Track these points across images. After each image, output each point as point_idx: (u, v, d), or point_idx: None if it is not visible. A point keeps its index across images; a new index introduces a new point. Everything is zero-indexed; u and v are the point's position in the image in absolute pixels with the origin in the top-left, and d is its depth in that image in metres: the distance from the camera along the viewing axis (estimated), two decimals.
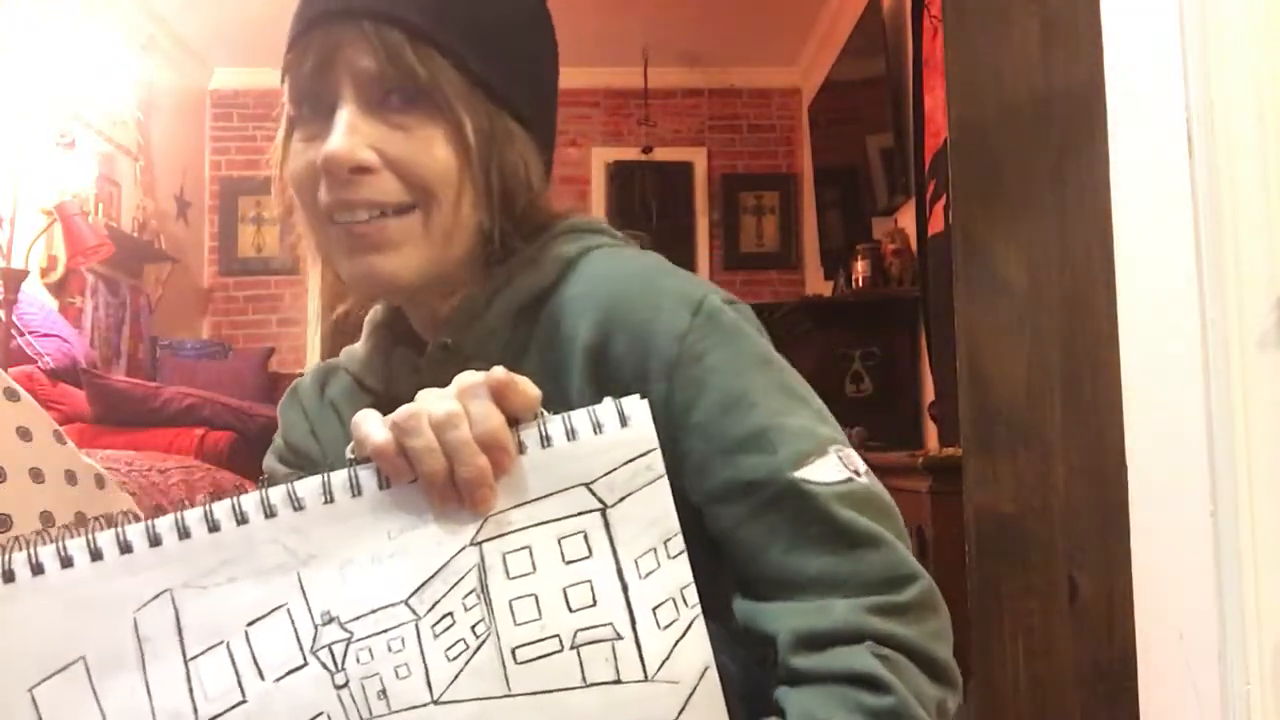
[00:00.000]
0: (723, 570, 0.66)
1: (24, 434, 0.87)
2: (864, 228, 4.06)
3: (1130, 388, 1.15)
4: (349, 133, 0.70)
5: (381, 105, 0.71)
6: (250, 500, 0.56)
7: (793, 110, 5.39)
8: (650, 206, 5.24)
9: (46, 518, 0.86)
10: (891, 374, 3.65)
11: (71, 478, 0.90)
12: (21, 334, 3.22)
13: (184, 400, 3.05)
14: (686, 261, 5.10)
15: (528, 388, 0.58)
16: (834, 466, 0.65)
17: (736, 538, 0.65)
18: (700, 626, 0.57)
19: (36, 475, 0.86)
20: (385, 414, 0.81)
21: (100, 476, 0.94)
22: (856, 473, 0.66)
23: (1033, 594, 1.43)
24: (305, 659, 0.54)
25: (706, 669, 0.56)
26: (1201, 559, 1.02)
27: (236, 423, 3.05)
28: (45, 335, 3.28)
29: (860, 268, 3.75)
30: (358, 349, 0.86)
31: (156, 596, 0.54)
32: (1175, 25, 1.05)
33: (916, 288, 3.47)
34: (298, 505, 0.55)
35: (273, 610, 0.55)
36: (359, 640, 0.54)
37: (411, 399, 0.79)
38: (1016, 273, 1.48)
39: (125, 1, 4.28)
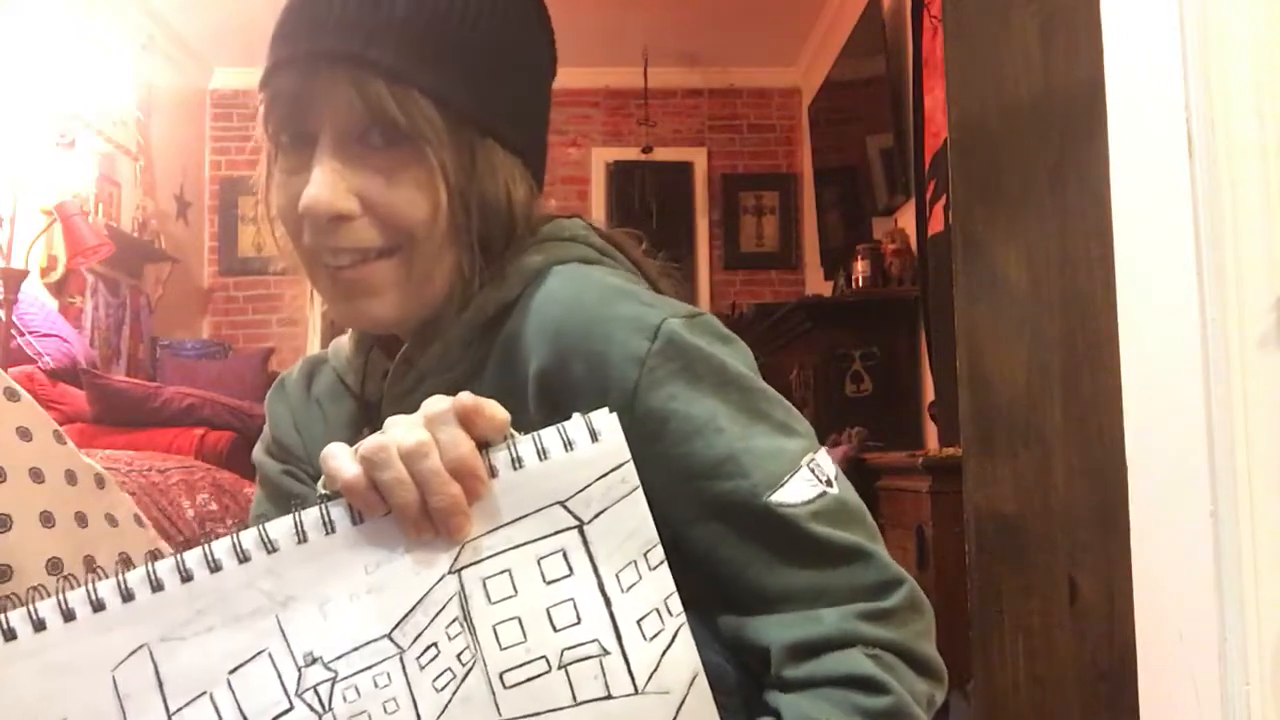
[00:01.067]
0: (695, 579, 0.66)
1: (24, 434, 0.87)
2: (864, 228, 4.06)
3: (1130, 388, 1.15)
4: (327, 180, 0.69)
5: (361, 144, 0.70)
6: (222, 546, 0.55)
7: (793, 110, 5.39)
8: (650, 206, 5.24)
9: (46, 518, 0.86)
10: (891, 374, 3.65)
11: (71, 478, 0.90)
12: (21, 334, 3.22)
13: (184, 400, 3.05)
14: (686, 261, 5.12)
15: (495, 411, 0.57)
16: (807, 483, 0.65)
17: (715, 559, 0.65)
18: (686, 634, 0.56)
19: (36, 475, 0.86)
20: (366, 416, 0.81)
21: (100, 476, 0.94)
22: (828, 482, 0.66)
23: (1033, 594, 1.43)
24: (291, 702, 0.53)
25: (696, 676, 0.56)
26: (1201, 559, 1.02)
27: (236, 423, 3.05)
28: (45, 335, 3.28)
29: (860, 268, 3.75)
30: (344, 344, 0.86)
31: (134, 652, 0.53)
32: (1175, 25, 1.05)
33: (916, 288, 3.47)
34: (271, 548, 0.55)
35: (254, 656, 0.54)
36: (344, 679, 0.54)
37: (382, 403, 0.78)
38: (1016, 273, 1.48)
39: (125, 1, 4.28)
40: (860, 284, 3.75)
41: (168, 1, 4.43)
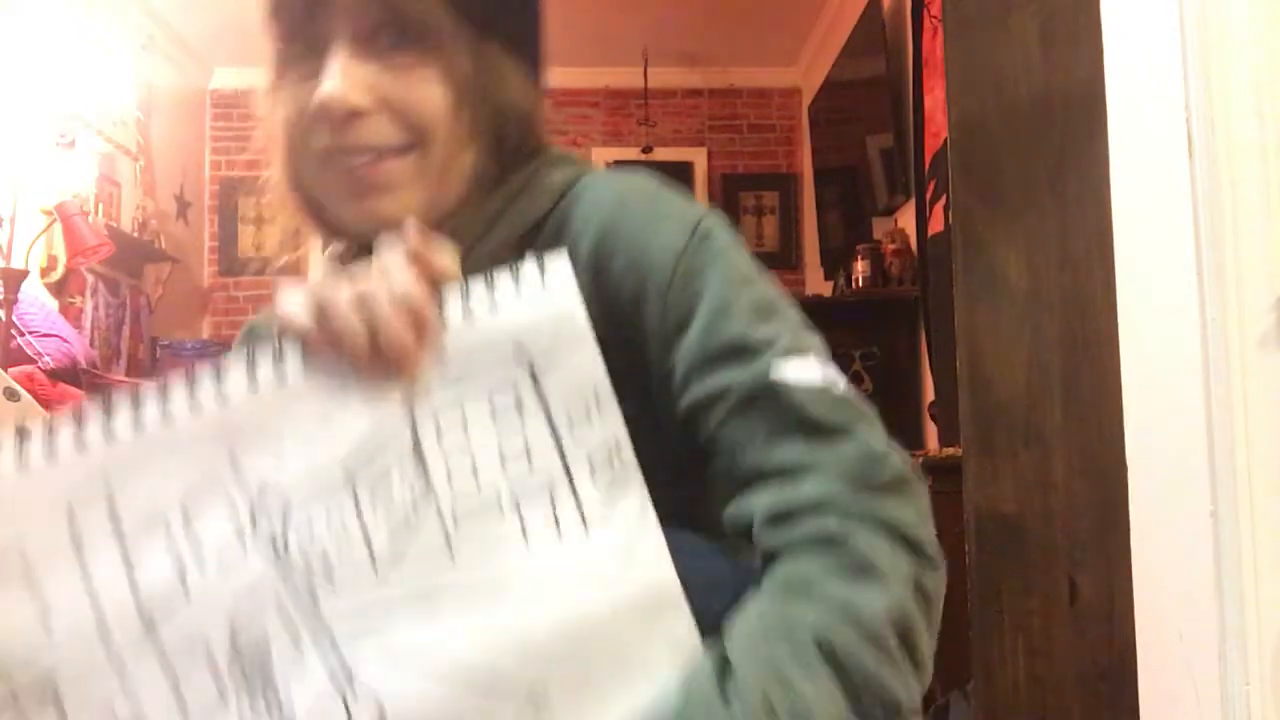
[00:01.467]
0: (709, 493, 0.67)
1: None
2: (864, 228, 4.06)
3: (1130, 388, 1.15)
4: (342, 76, 0.69)
5: (372, 44, 0.71)
6: (177, 390, 0.56)
7: (793, 110, 5.38)
8: None
9: None
10: (891, 374, 3.65)
11: None
12: (21, 334, 3.22)
13: None
14: None
15: (446, 254, 0.59)
16: (813, 368, 0.65)
17: (718, 440, 0.66)
18: (637, 477, 0.57)
19: None
20: None
21: None
22: (837, 378, 0.66)
23: (1033, 594, 1.43)
24: (244, 538, 0.54)
25: (646, 516, 0.57)
26: (1201, 559, 1.02)
27: None
28: (45, 335, 3.28)
29: (860, 268, 3.75)
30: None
31: (88, 488, 0.54)
32: (1175, 25, 1.05)
33: (916, 288, 3.47)
34: (224, 393, 0.56)
35: (208, 490, 0.54)
36: (297, 515, 0.54)
37: None
38: (1016, 273, 1.48)
39: (125, 1, 4.28)
40: (860, 284, 3.75)
41: (168, 1, 4.43)
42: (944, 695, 2.13)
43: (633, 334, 0.69)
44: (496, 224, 0.75)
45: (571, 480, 0.56)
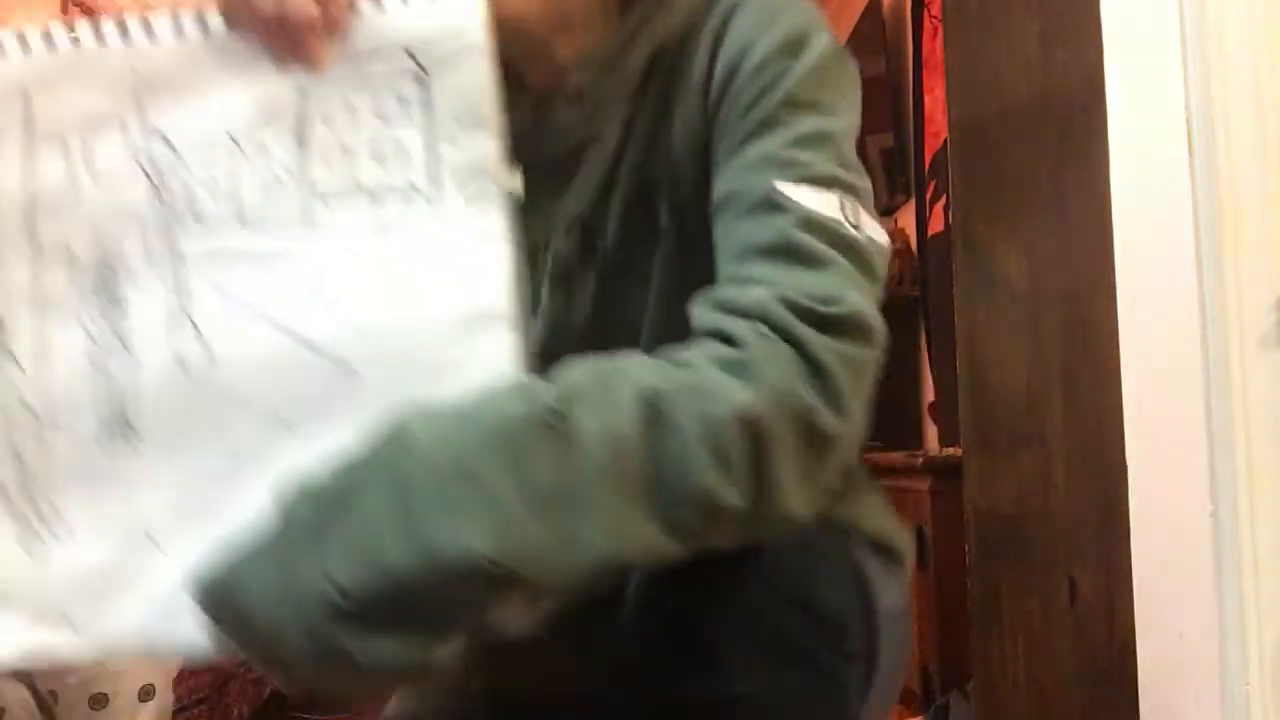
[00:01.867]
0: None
1: None
2: None
3: (1130, 388, 1.15)
4: None
5: None
6: (110, 23, 0.60)
7: None
8: None
9: None
10: (891, 374, 3.62)
11: None
12: None
13: None
14: None
15: None
16: (825, 203, 0.63)
17: (717, 245, 0.65)
18: (500, 201, 0.59)
19: None
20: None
21: None
22: (855, 226, 0.64)
23: (1033, 594, 1.43)
24: (133, 169, 0.59)
25: (499, 240, 0.58)
26: (1201, 559, 1.02)
27: None
28: None
29: None
30: None
31: (11, 85, 0.59)
32: (1175, 25, 1.05)
33: (916, 288, 3.47)
34: (151, 34, 0.60)
35: (111, 119, 0.59)
36: (183, 161, 0.59)
37: (544, 143, 0.75)
38: (1016, 273, 1.48)
39: (126, 1, 4.28)
40: None
41: (168, 2, 4.43)
42: (944, 695, 2.13)
43: (712, 131, 0.69)
44: (633, 42, 0.74)
45: (437, 186, 0.59)
